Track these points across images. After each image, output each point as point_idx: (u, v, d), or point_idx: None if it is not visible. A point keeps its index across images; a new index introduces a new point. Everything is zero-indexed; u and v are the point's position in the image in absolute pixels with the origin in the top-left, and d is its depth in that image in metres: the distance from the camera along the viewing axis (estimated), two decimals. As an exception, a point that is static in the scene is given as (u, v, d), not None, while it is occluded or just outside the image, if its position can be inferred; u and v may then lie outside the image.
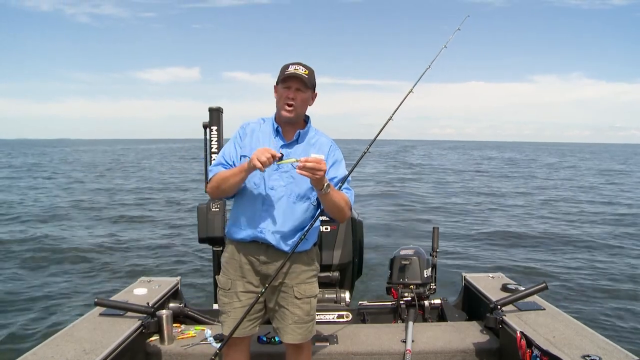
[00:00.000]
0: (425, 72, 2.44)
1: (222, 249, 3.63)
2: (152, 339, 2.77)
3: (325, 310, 3.32)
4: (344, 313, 3.38)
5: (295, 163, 1.83)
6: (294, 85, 2.02)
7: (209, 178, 2.12)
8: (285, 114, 2.04)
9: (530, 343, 2.24)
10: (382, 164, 34.79)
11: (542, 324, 2.61)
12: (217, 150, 3.61)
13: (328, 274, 3.44)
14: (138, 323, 2.66)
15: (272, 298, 2.14)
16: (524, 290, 2.96)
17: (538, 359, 2.15)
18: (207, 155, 3.64)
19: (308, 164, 1.77)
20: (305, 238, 2.05)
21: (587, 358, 2.18)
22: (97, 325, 2.61)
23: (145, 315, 2.73)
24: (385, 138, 2.28)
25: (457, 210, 13.60)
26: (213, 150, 3.62)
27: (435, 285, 3.46)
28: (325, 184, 1.86)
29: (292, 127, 2.11)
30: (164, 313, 2.77)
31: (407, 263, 3.36)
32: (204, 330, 2.94)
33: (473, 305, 3.43)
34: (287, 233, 2.05)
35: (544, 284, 2.91)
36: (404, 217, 12.24)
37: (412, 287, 3.32)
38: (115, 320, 2.69)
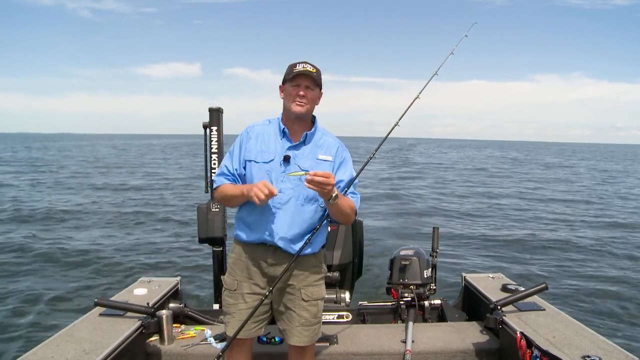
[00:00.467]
0: (432, 78, 2.42)
1: (222, 249, 3.66)
2: (152, 339, 2.77)
3: (325, 311, 3.32)
4: (344, 313, 3.38)
5: (304, 176, 1.82)
6: (304, 83, 2.00)
7: (214, 187, 2.14)
8: (298, 109, 2.01)
9: (530, 343, 2.24)
10: (383, 163, 34.75)
11: (542, 324, 2.61)
12: (217, 151, 3.62)
13: (328, 274, 3.45)
14: (138, 323, 2.66)
15: (278, 300, 2.13)
16: (524, 291, 2.96)
17: (538, 359, 2.15)
18: (207, 156, 3.65)
19: (317, 178, 1.76)
20: (313, 241, 2.04)
21: (587, 358, 2.18)
22: (97, 326, 2.61)
23: (145, 316, 2.73)
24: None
25: (457, 211, 13.60)
26: (213, 151, 3.63)
27: (435, 286, 3.46)
28: (334, 195, 1.85)
29: (299, 127, 2.08)
30: (164, 313, 2.77)
31: (407, 263, 3.36)
32: (204, 331, 2.94)
33: (473, 306, 3.43)
34: (295, 236, 2.03)
35: (544, 285, 2.91)
36: (404, 217, 12.23)
37: (412, 287, 3.32)
38: (115, 321, 2.69)
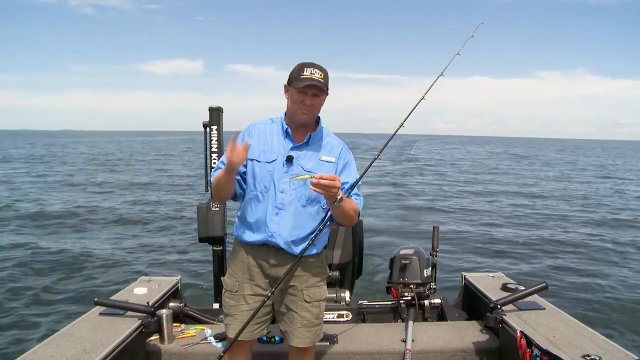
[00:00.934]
0: (438, 79, 2.40)
1: (222, 249, 3.66)
2: (152, 339, 2.77)
3: (325, 310, 3.31)
4: (344, 312, 3.38)
5: (309, 179, 1.80)
6: (311, 92, 1.97)
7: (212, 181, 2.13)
8: (304, 117, 2.01)
9: (530, 342, 2.24)
10: (383, 160, 34.63)
11: (542, 324, 2.61)
12: (217, 150, 3.63)
13: (328, 274, 3.45)
14: (138, 322, 2.66)
15: (280, 301, 2.12)
16: (524, 290, 2.96)
17: (538, 359, 2.15)
18: (207, 155, 3.65)
19: (322, 182, 1.74)
20: (316, 242, 2.03)
21: (587, 357, 2.18)
22: (97, 325, 2.61)
23: (145, 315, 2.73)
24: (389, 132, 2.26)
25: (457, 209, 13.60)
26: (213, 150, 3.63)
27: (435, 285, 3.46)
28: (339, 197, 1.83)
29: (302, 128, 2.07)
30: (164, 312, 2.77)
31: (407, 262, 3.36)
32: (204, 330, 2.93)
33: (473, 305, 3.43)
34: (297, 237, 2.02)
35: (544, 284, 2.91)
36: (404, 216, 12.24)
37: (412, 286, 3.32)
38: (115, 320, 2.68)
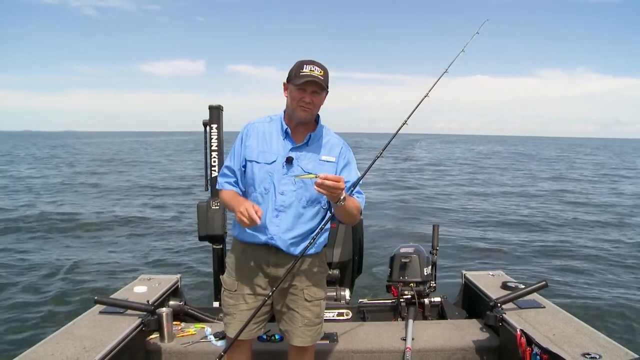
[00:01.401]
0: (442, 75, 2.37)
1: (222, 247, 3.65)
2: (152, 337, 2.77)
3: (325, 308, 3.32)
4: (344, 311, 3.38)
5: (314, 179, 1.77)
6: (310, 89, 1.95)
7: (218, 189, 2.15)
8: (303, 114, 1.98)
9: (530, 341, 2.24)
10: (384, 159, 34.67)
11: (542, 322, 2.61)
12: (217, 149, 3.62)
13: (328, 272, 3.45)
14: (138, 321, 2.66)
15: (280, 301, 2.11)
16: (524, 288, 2.96)
17: (538, 357, 2.15)
18: (207, 154, 3.65)
19: (327, 182, 1.72)
20: (316, 242, 2.02)
21: (587, 356, 2.18)
22: (97, 323, 2.61)
23: (145, 313, 2.73)
24: (390, 132, 2.24)
25: (457, 208, 13.60)
26: (213, 148, 3.63)
27: (435, 283, 3.45)
28: (342, 197, 1.81)
29: (302, 128, 2.05)
30: (164, 311, 2.77)
31: (407, 261, 3.35)
32: (204, 328, 2.93)
33: (473, 303, 3.43)
34: (297, 237, 2.02)
35: (544, 282, 2.91)
36: (405, 214, 12.24)
37: (412, 285, 3.31)
38: (115, 318, 2.69)
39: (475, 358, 2.72)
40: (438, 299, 3.45)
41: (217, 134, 3.62)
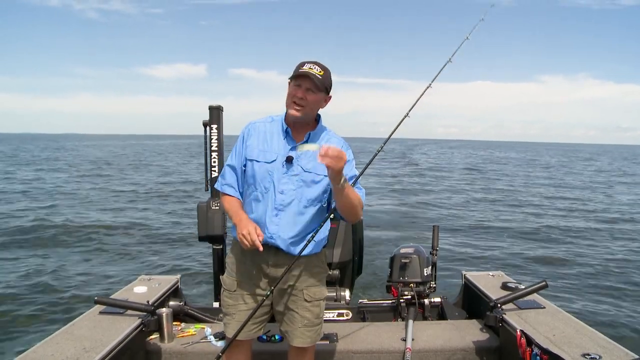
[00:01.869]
0: (446, 65, 2.33)
1: (222, 247, 3.65)
2: (152, 337, 2.77)
3: (325, 309, 3.31)
4: (344, 311, 3.38)
5: (317, 150, 1.75)
6: (305, 85, 1.94)
7: (223, 194, 2.13)
8: (293, 113, 1.97)
9: (530, 341, 2.24)
10: (385, 162, 34.77)
11: (542, 323, 2.61)
12: (217, 149, 3.62)
13: (328, 272, 3.44)
14: (138, 321, 2.65)
15: (280, 301, 2.11)
16: (524, 289, 2.95)
17: (538, 358, 2.15)
18: (207, 154, 3.65)
19: (330, 152, 1.70)
20: (315, 241, 2.01)
21: (587, 356, 2.17)
22: (97, 324, 2.61)
23: (145, 314, 2.73)
24: (392, 136, 2.23)
25: (457, 209, 13.61)
26: (213, 149, 3.62)
27: (435, 284, 3.46)
28: (343, 178, 1.80)
29: (302, 127, 2.04)
30: (164, 311, 2.77)
31: (407, 261, 3.35)
32: (204, 329, 2.94)
33: (473, 304, 3.43)
34: (297, 237, 2.01)
35: (544, 283, 2.91)
36: (404, 215, 12.25)
37: (412, 285, 3.31)
38: (115, 319, 2.68)
39: (475, 358, 2.72)
40: (438, 300, 3.45)
41: (217, 134, 3.62)
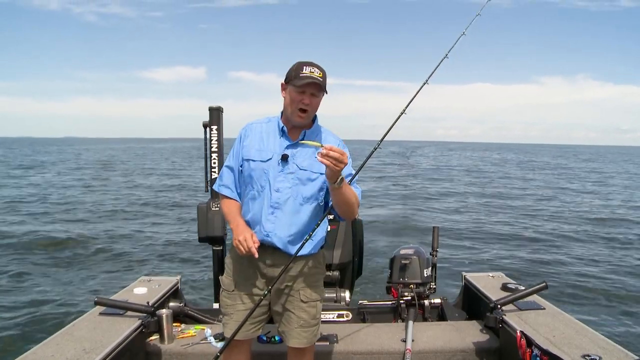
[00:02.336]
0: (442, 61, 2.33)
1: (222, 248, 3.65)
2: (152, 339, 2.77)
3: (325, 310, 3.31)
4: (344, 312, 3.38)
5: (319, 148, 1.73)
6: (310, 91, 1.94)
7: (219, 194, 2.16)
8: (299, 120, 1.98)
9: (530, 342, 2.24)
10: (385, 163, 34.83)
11: (542, 324, 2.61)
12: (217, 150, 3.62)
13: (328, 273, 3.44)
14: (138, 322, 2.65)
15: (277, 301, 2.11)
16: (524, 290, 2.96)
17: (538, 359, 2.15)
18: (207, 155, 3.65)
19: (332, 153, 1.69)
20: (312, 240, 2.01)
21: (587, 357, 2.17)
22: (97, 325, 2.61)
23: (145, 315, 2.73)
24: (389, 139, 2.24)
25: (457, 210, 13.61)
26: (213, 150, 3.62)
27: (435, 285, 3.45)
28: (340, 178, 1.79)
29: (299, 126, 2.05)
30: (164, 312, 2.77)
31: (407, 262, 3.35)
32: (204, 330, 2.94)
33: (473, 305, 3.43)
34: (293, 236, 2.01)
35: (544, 284, 2.91)
36: (405, 216, 12.24)
37: (412, 286, 3.31)
38: (115, 320, 2.68)
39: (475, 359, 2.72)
40: (438, 301, 3.44)
41: (217, 135, 3.62)
